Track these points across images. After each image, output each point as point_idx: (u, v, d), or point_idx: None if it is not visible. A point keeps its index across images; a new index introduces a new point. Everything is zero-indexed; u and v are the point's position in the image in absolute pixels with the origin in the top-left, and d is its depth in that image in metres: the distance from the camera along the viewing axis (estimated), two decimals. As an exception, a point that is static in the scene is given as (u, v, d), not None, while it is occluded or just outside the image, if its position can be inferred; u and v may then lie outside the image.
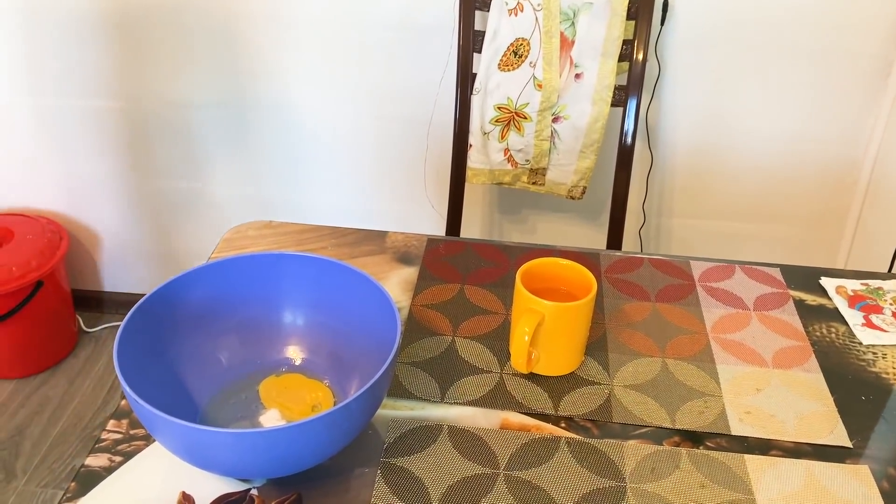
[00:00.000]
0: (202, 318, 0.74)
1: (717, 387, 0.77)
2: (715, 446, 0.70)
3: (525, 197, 1.73)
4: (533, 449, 0.69)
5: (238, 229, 0.99)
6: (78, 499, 0.64)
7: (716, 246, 1.74)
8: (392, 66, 1.60)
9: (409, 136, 1.69)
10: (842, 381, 0.78)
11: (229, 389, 0.73)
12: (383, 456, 0.68)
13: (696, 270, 0.94)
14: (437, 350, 0.80)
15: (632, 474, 0.67)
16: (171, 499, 0.64)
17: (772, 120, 1.58)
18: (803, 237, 1.72)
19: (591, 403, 0.74)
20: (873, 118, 1.56)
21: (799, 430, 0.72)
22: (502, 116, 1.45)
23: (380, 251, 0.96)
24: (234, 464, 0.60)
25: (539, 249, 0.97)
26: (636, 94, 1.40)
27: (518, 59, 1.40)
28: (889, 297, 0.89)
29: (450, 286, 0.90)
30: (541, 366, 0.76)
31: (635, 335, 0.83)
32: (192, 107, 1.70)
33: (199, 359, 0.73)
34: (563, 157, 1.48)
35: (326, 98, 1.66)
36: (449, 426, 0.71)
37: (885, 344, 0.83)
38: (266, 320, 0.76)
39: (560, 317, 0.73)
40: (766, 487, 0.66)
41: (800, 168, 1.63)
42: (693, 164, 1.66)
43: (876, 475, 0.68)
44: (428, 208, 1.78)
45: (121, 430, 0.70)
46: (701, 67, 1.54)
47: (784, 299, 0.89)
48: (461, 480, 0.66)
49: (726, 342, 0.82)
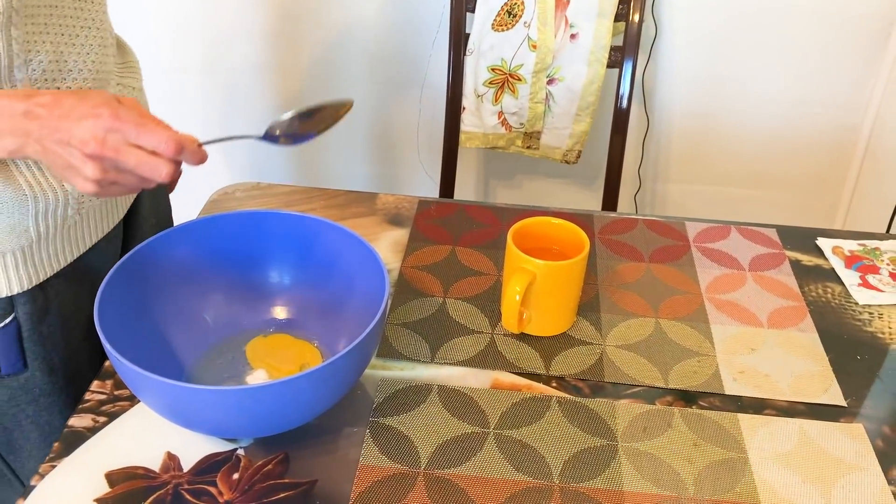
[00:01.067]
0: (187, 277, 0.72)
1: (710, 346, 0.76)
2: (708, 406, 0.69)
3: (519, 161, 1.71)
4: (524, 408, 0.68)
5: (225, 190, 0.97)
6: (62, 458, 0.63)
7: (712, 211, 1.72)
8: (384, 27, 1.57)
9: (402, 98, 1.66)
10: (837, 341, 0.77)
11: (216, 349, 0.72)
12: (372, 416, 0.67)
13: (691, 231, 0.92)
14: (428, 311, 0.79)
15: (623, 433, 0.66)
16: (157, 459, 0.63)
17: (770, 83, 1.56)
18: (801, 201, 1.71)
19: (582, 363, 0.73)
20: (872, 81, 1.53)
21: (793, 390, 0.71)
22: (496, 78, 1.42)
23: (370, 213, 0.94)
24: (219, 422, 0.59)
25: (532, 211, 0.95)
26: (632, 56, 1.38)
27: (512, 18, 1.37)
28: (886, 257, 0.88)
29: (441, 247, 0.88)
30: (532, 326, 0.75)
31: (628, 295, 0.82)
32: (179, 70, 1.67)
33: (185, 318, 0.72)
34: (557, 121, 1.45)
35: (316, 60, 1.63)
36: (439, 386, 0.70)
37: (881, 304, 0.82)
38: (253, 280, 0.75)
39: (552, 276, 0.72)
40: (758, 446, 0.65)
41: (798, 132, 1.61)
42: (690, 128, 1.64)
43: (870, 434, 0.67)
44: (420, 173, 1.76)
45: (105, 391, 0.69)
46: (698, 29, 1.51)
47: (780, 260, 0.88)
48: (451, 439, 0.65)
49: (721, 302, 0.81)
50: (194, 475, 0.62)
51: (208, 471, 0.62)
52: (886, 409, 0.70)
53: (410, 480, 0.62)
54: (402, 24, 1.56)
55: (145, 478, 0.61)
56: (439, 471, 0.62)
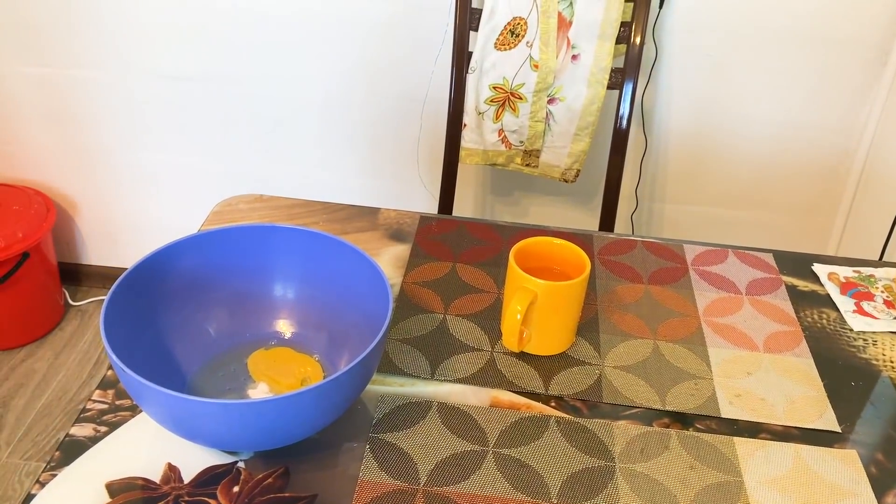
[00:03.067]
0: (191, 289, 0.73)
1: (707, 369, 0.76)
2: (704, 428, 0.70)
3: (518, 179, 1.72)
4: (522, 427, 0.69)
5: (228, 202, 0.98)
6: (62, 468, 0.63)
7: (708, 232, 1.74)
8: (387, 43, 1.59)
9: (403, 114, 1.67)
10: (832, 367, 0.78)
11: (218, 362, 0.72)
12: (372, 431, 0.68)
13: (689, 254, 0.93)
14: (429, 328, 0.80)
15: (621, 454, 0.67)
16: (157, 470, 0.63)
17: (767, 106, 1.58)
18: (795, 224, 1.72)
19: (581, 383, 0.74)
20: (868, 107, 1.56)
21: (788, 414, 0.72)
22: (497, 96, 1.43)
23: (372, 227, 0.95)
24: (221, 435, 0.59)
25: (532, 229, 0.96)
26: (632, 78, 1.39)
27: (515, 38, 1.39)
28: (881, 284, 0.89)
29: (442, 264, 0.89)
30: (532, 345, 0.76)
31: (627, 317, 0.83)
32: (181, 79, 1.68)
33: (188, 330, 0.72)
34: (557, 139, 1.47)
35: (320, 74, 1.64)
36: (438, 403, 0.71)
37: (875, 331, 0.83)
38: (256, 293, 0.76)
39: (553, 296, 0.73)
40: (754, 470, 0.66)
41: (794, 155, 1.63)
42: (687, 149, 1.65)
43: (864, 460, 0.68)
44: (420, 188, 1.77)
45: (106, 401, 0.69)
46: (697, 52, 1.53)
47: (776, 284, 0.89)
48: (450, 457, 0.65)
49: (718, 325, 0.82)
50: (194, 487, 0.62)
51: (208, 483, 0.62)
52: (879, 436, 0.70)
53: (409, 497, 0.62)
54: (406, 41, 1.58)
55: (145, 489, 0.62)
56: (438, 488, 0.63)
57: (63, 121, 1.77)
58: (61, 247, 1.98)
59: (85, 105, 1.74)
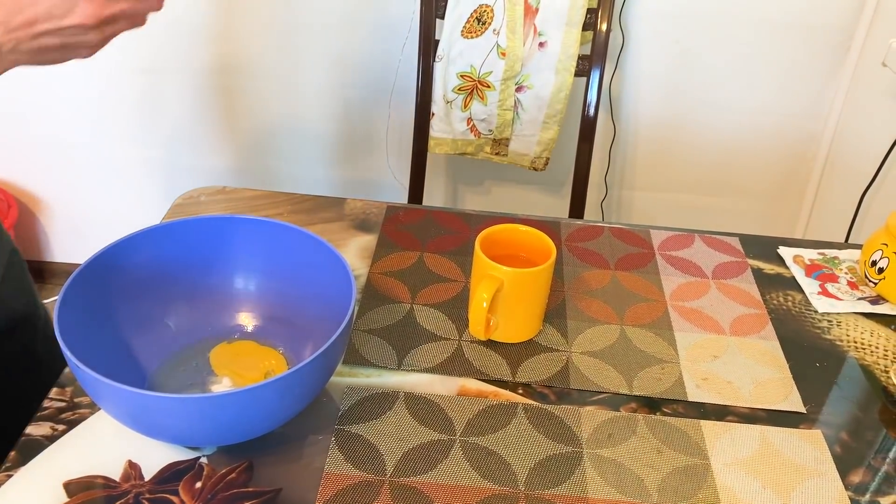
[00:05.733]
0: (149, 283, 0.71)
1: (674, 354, 0.76)
2: (671, 412, 0.70)
3: (487, 167, 1.72)
4: (490, 415, 0.68)
5: (190, 195, 0.96)
6: (18, 468, 0.61)
7: (677, 218, 1.75)
8: (353, 32, 1.57)
9: (371, 104, 1.66)
10: (797, 349, 0.78)
11: (179, 357, 0.71)
12: (337, 423, 0.67)
13: (656, 239, 0.94)
14: (395, 318, 0.79)
15: (588, 440, 0.67)
16: (117, 468, 0.62)
17: (734, 93, 1.59)
18: (763, 209, 1.74)
19: (548, 370, 0.73)
20: (832, 92, 1.57)
21: (755, 397, 0.72)
22: (465, 85, 1.42)
23: (338, 218, 0.94)
24: (181, 430, 0.58)
25: (500, 217, 0.96)
26: (599, 65, 1.39)
27: (481, 26, 1.38)
28: (845, 266, 0.90)
29: (409, 254, 0.88)
30: (499, 332, 0.75)
31: (594, 302, 0.83)
32: (147, 72, 1.65)
33: (147, 325, 0.70)
34: (526, 128, 1.46)
35: (285, 64, 1.62)
36: (406, 393, 0.70)
37: (839, 312, 0.83)
38: (216, 286, 0.74)
39: (519, 283, 0.72)
40: (721, 452, 0.66)
41: (760, 141, 1.64)
42: (655, 136, 1.66)
43: (828, 440, 0.68)
44: (389, 178, 1.76)
45: (64, 398, 0.67)
46: (664, 39, 1.53)
47: (742, 268, 0.89)
48: (417, 447, 0.65)
49: (684, 310, 0.82)
50: (156, 484, 0.61)
51: (170, 479, 0.61)
52: (844, 416, 0.71)
53: (376, 488, 0.61)
54: (372, 30, 1.56)
55: (105, 487, 0.60)
56: (405, 478, 0.62)
57: (22, 115, 1.73)
58: (25, 244, 1.94)
59: (45, 98, 1.70)
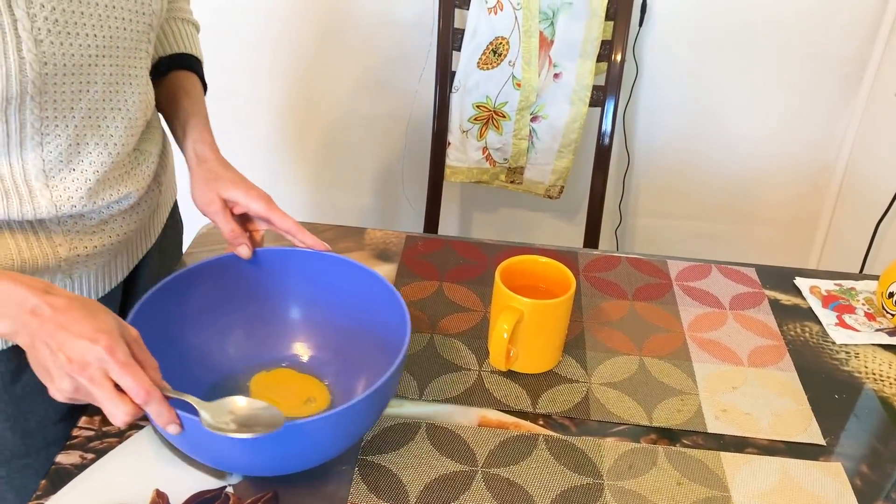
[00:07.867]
0: (208, 313, 0.73)
1: (693, 385, 0.77)
2: (691, 444, 0.71)
3: (502, 195, 1.73)
4: (511, 446, 0.69)
5: (211, 225, 0.98)
6: (48, 496, 0.62)
7: (690, 246, 1.75)
8: (371, 63, 1.60)
9: (387, 132, 1.68)
10: (815, 380, 0.79)
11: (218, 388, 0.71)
12: (361, 453, 0.67)
13: (673, 270, 0.94)
14: (416, 347, 0.80)
15: (609, 471, 0.67)
16: (145, 496, 0.63)
17: (747, 122, 1.60)
18: (777, 238, 1.74)
19: (569, 401, 0.74)
20: (846, 120, 1.58)
21: (774, 428, 0.73)
22: (481, 115, 1.44)
23: (358, 248, 0.95)
24: (247, 464, 0.60)
25: (517, 247, 0.97)
26: (614, 95, 1.41)
27: (497, 57, 1.40)
28: (861, 297, 0.91)
29: (428, 283, 0.90)
30: (519, 363, 0.76)
31: (613, 333, 0.83)
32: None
33: (203, 352, 0.72)
34: (540, 157, 1.48)
35: (303, 93, 1.65)
36: (427, 423, 0.71)
37: (857, 343, 0.84)
38: (267, 316, 0.76)
39: (539, 314, 0.73)
40: (741, 485, 0.67)
41: (774, 169, 1.65)
42: (669, 164, 1.67)
43: (849, 472, 0.68)
44: (405, 205, 1.77)
45: (93, 427, 0.69)
46: (678, 69, 1.55)
47: (759, 299, 0.90)
48: (439, 478, 0.66)
49: (703, 341, 0.83)
50: (183, 513, 0.62)
51: (197, 509, 0.62)
52: (863, 448, 0.71)
53: (399, 519, 0.62)
54: (390, 60, 1.59)
55: (133, 516, 0.61)
56: (428, 509, 0.63)
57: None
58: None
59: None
